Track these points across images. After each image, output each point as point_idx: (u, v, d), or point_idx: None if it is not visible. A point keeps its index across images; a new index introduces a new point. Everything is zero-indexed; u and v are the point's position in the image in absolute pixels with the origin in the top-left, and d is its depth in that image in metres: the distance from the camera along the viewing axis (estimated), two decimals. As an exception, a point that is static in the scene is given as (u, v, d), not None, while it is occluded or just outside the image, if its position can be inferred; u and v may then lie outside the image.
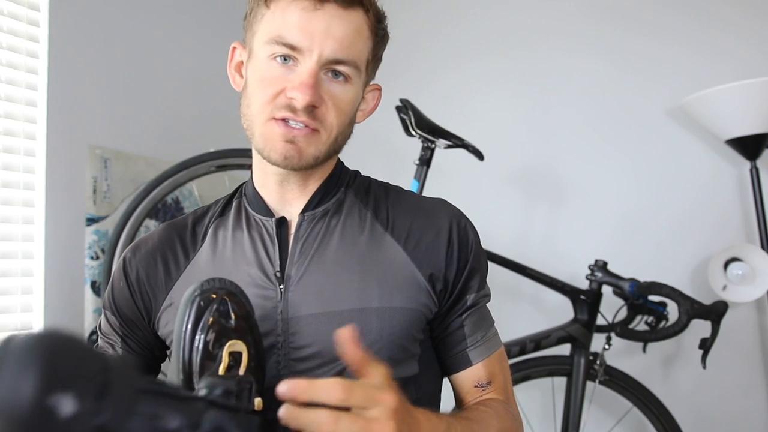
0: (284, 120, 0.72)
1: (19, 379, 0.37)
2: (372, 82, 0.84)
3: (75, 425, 0.39)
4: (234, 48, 0.81)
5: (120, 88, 1.78)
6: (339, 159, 0.85)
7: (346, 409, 0.53)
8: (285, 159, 0.73)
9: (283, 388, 0.51)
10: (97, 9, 1.72)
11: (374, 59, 0.79)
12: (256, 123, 0.74)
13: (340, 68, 0.73)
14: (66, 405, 0.38)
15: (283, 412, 0.52)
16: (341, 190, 0.82)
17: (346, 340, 0.56)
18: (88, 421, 0.40)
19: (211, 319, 0.60)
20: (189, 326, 0.60)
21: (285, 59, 0.72)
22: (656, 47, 1.92)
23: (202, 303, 0.61)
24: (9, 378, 0.37)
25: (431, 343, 0.82)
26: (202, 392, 0.51)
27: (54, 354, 0.39)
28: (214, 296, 0.61)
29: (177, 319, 0.62)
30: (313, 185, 0.80)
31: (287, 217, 0.80)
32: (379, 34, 0.78)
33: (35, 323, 1.53)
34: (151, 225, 1.83)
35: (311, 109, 0.71)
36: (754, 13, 1.82)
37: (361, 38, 0.74)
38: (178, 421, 0.46)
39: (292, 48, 0.71)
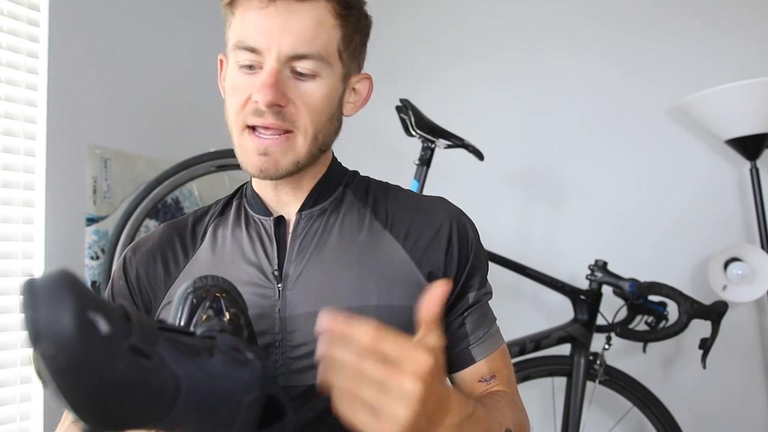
0: (254, 128, 0.72)
1: (58, 305, 0.40)
2: (363, 72, 0.82)
3: (113, 343, 0.42)
4: (221, 60, 0.80)
5: (120, 88, 1.78)
6: (335, 158, 0.85)
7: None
8: (261, 171, 0.73)
9: (323, 320, 0.52)
10: (97, 9, 1.72)
11: (349, 48, 0.75)
12: (233, 134, 0.75)
13: (304, 64, 0.71)
14: (101, 324, 0.41)
15: (321, 347, 0.52)
16: (339, 189, 0.82)
17: (431, 300, 0.56)
18: (122, 341, 0.43)
19: (203, 316, 0.60)
20: (181, 323, 0.60)
21: (251, 67, 0.71)
22: (656, 47, 1.92)
23: (194, 300, 0.61)
24: (48, 306, 0.40)
25: None
26: (204, 334, 0.54)
27: (78, 284, 0.42)
28: (206, 293, 0.62)
29: (170, 316, 0.62)
30: (308, 185, 0.80)
31: (285, 217, 0.80)
32: (350, 21, 0.74)
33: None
34: (151, 225, 1.83)
35: (278, 110, 0.70)
36: (754, 13, 1.82)
37: (323, 29, 0.71)
38: (197, 345, 0.49)
39: (253, 50, 0.70)
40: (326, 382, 0.53)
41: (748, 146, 1.68)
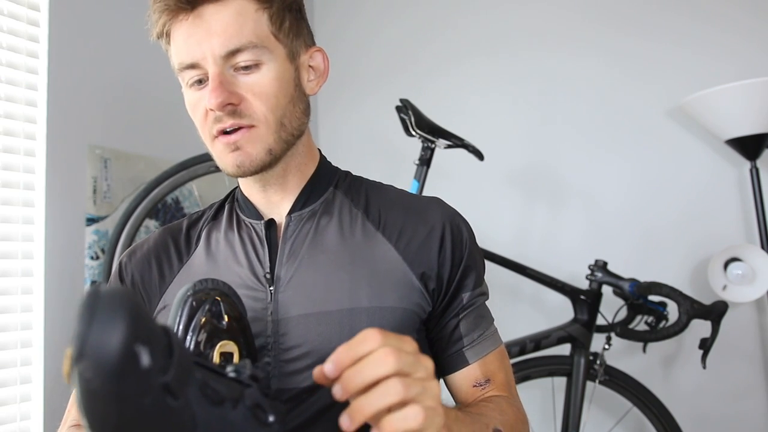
0: (222, 132, 0.72)
1: (110, 328, 0.40)
2: (315, 46, 0.81)
3: (149, 378, 0.42)
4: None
5: (120, 88, 1.78)
6: (323, 158, 0.85)
7: None
8: (238, 167, 0.73)
9: (329, 366, 0.50)
10: (97, 9, 1.72)
11: (283, 27, 0.75)
12: (208, 147, 0.76)
13: (241, 57, 0.71)
14: (144, 357, 0.41)
15: (345, 415, 0.49)
16: (329, 189, 0.82)
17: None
18: (158, 377, 0.43)
19: (203, 320, 0.60)
20: (180, 326, 0.60)
21: (200, 82, 0.73)
22: (656, 47, 1.92)
23: (194, 303, 0.61)
24: (100, 327, 0.40)
25: (428, 344, 0.81)
26: (231, 374, 0.53)
27: (136, 309, 0.42)
28: (206, 297, 0.61)
29: (169, 319, 0.62)
30: (295, 185, 0.80)
31: (276, 219, 0.80)
32: (273, 2, 0.74)
33: (35, 323, 1.53)
34: (151, 225, 1.83)
35: (233, 109, 0.71)
36: (755, 12, 1.82)
37: (246, 18, 0.71)
38: (224, 393, 0.49)
39: (193, 66, 0.72)
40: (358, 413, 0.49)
41: (748, 146, 1.68)
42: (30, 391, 1.52)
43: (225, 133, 0.72)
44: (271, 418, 0.51)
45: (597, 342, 1.63)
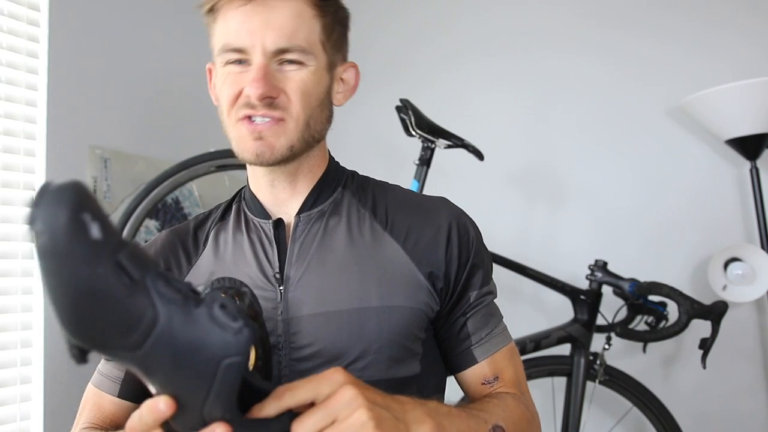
0: (249, 118, 0.73)
1: (57, 203, 0.44)
2: (350, 62, 0.83)
3: (99, 249, 0.44)
4: (209, 69, 0.82)
5: (120, 88, 1.78)
6: (332, 158, 0.85)
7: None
8: (257, 156, 0.74)
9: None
10: (97, 9, 1.72)
11: (331, 39, 0.77)
12: (228, 128, 0.77)
13: (289, 56, 0.72)
14: (94, 229, 0.44)
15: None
16: (338, 190, 0.82)
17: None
18: (109, 252, 0.45)
19: None
20: None
21: (240, 62, 0.73)
22: (656, 47, 1.92)
23: None
24: (49, 204, 0.44)
25: (436, 342, 0.82)
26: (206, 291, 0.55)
27: (85, 192, 0.45)
28: (223, 295, 0.62)
29: None
30: (304, 184, 0.81)
31: (285, 219, 0.80)
32: (328, 12, 0.76)
33: (35, 323, 1.53)
34: (151, 225, 1.83)
35: (269, 101, 0.72)
36: (755, 13, 1.82)
37: (303, 22, 0.73)
38: (187, 292, 0.50)
39: (239, 51, 0.72)
40: None
41: (748, 146, 1.68)
42: (30, 391, 1.52)
43: (250, 119, 0.73)
44: (239, 320, 0.50)
45: (597, 342, 1.63)
